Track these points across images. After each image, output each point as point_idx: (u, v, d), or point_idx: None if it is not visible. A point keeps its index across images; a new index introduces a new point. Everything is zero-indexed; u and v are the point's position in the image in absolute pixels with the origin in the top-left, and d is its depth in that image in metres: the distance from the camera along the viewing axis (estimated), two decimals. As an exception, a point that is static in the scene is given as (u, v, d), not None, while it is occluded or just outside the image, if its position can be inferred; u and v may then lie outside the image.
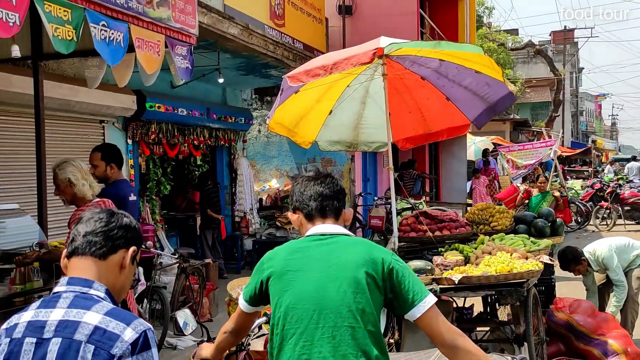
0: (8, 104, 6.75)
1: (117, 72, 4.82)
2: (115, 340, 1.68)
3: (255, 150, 13.10)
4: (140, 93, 8.62)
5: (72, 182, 4.00)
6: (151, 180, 9.77)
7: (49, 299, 1.80)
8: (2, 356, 1.72)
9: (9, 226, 4.83)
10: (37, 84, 5.10)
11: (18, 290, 4.23)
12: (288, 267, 2.31)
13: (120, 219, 1.92)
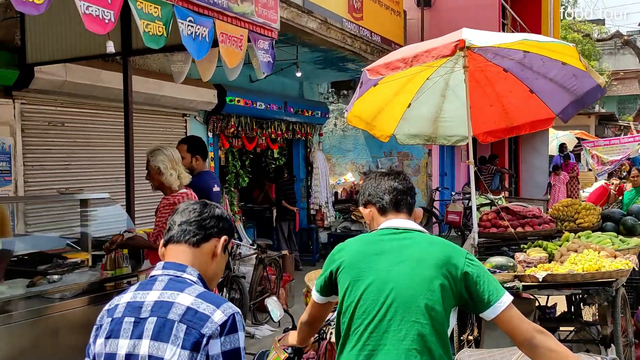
0: (98, 98, 7.06)
1: (201, 66, 4.96)
2: (206, 320, 1.75)
3: (331, 144, 13.15)
4: (220, 87, 8.84)
5: (161, 171, 4.14)
6: (230, 173, 10.00)
7: (146, 282, 1.90)
8: (104, 334, 1.83)
9: (100, 215, 5.07)
10: (127, 79, 5.31)
11: (109, 275, 4.44)
12: (358, 258, 2.31)
13: (213, 210, 2.01)
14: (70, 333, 4.13)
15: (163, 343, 1.74)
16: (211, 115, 9.19)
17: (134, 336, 1.78)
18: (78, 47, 5.50)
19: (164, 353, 1.72)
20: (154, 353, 1.74)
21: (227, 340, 1.75)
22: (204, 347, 1.72)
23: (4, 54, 5.80)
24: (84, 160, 7.14)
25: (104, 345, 1.82)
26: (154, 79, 7.58)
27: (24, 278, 4.38)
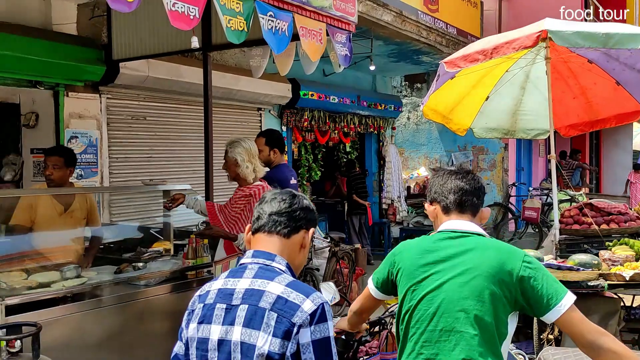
0: (177, 93, 7.28)
1: (279, 61, 5.02)
2: (296, 310, 1.78)
3: (404, 138, 13.05)
4: (294, 81, 8.94)
5: (238, 163, 4.23)
6: (302, 166, 10.10)
7: (236, 269, 1.95)
8: (197, 318, 1.89)
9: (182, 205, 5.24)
10: (207, 74, 5.44)
11: (190, 264, 4.59)
12: (415, 267, 2.32)
13: (302, 201, 2.05)
14: (154, 318, 4.29)
15: (255, 330, 1.77)
16: (285, 109, 9.29)
17: (226, 322, 1.83)
18: (161, 44, 5.68)
19: (256, 340, 1.76)
20: (246, 340, 1.77)
21: (317, 329, 1.77)
22: (294, 336, 1.75)
23: (92, 51, 6.06)
24: (164, 153, 7.38)
25: (196, 330, 1.88)
26: (231, 73, 7.74)
27: (111, 265, 4.58)
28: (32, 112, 6.18)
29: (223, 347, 1.81)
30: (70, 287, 3.88)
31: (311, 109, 9.66)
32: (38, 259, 4.37)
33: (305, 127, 9.73)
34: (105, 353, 3.93)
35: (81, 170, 6.30)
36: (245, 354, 1.76)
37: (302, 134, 9.85)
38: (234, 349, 1.78)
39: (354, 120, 10.70)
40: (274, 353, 1.74)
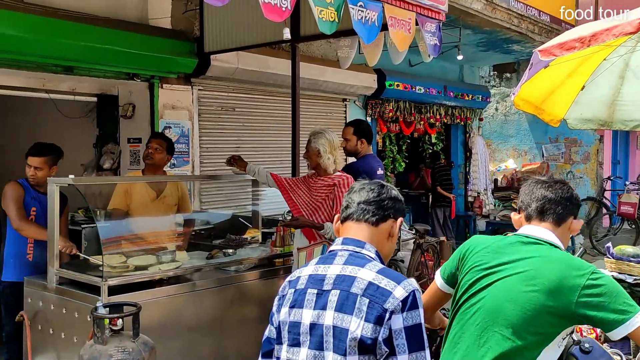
0: (265, 84, 7.42)
1: (367, 51, 5.02)
2: (388, 296, 1.80)
3: (491, 129, 12.73)
4: (380, 72, 8.90)
5: (320, 153, 4.27)
6: (387, 157, 10.05)
7: (326, 256, 2.00)
8: (288, 303, 1.94)
9: (269, 194, 5.33)
10: (295, 65, 5.51)
11: (278, 252, 4.70)
12: (478, 264, 2.30)
13: (390, 191, 2.06)
14: (243, 303, 4.42)
15: (347, 315, 1.80)
16: (370, 100, 9.29)
17: (317, 307, 1.87)
18: (250, 36, 5.80)
19: (349, 324, 1.79)
20: (339, 324, 1.81)
21: (409, 316, 1.78)
22: (386, 321, 1.77)
23: (185, 44, 6.27)
24: (252, 143, 7.56)
25: (288, 314, 1.93)
26: (317, 64, 7.81)
27: (202, 251, 4.75)
28: (129, 104, 6.47)
29: (315, 330, 1.84)
30: (166, 270, 4.06)
31: (396, 100, 9.60)
32: (135, 243, 4.60)
33: (390, 118, 9.68)
34: (198, 335, 4.09)
35: (174, 160, 6.54)
36: (338, 338, 1.79)
37: (387, 124, 9.80)
38: (326, 333, 1.82)
39: (440, 111, 10.55)
40: (367, 337, 1.76)
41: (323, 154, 4.26)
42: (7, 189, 4.33)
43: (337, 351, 1.79)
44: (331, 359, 1.80)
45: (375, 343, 1.76)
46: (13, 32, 4.85)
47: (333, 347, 1.80)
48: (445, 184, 10.63)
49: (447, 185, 10.66)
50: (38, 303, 4.01)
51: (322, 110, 8.61)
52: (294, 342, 1.89)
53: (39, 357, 3.97)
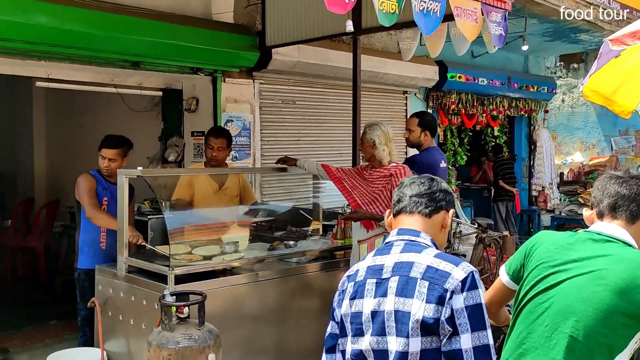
0: (325, 77, 7.43)
1: (430, 43, 4.96)
2: (447, 277, 1.83)
3: (557, 121, 12.37)
4: (442, 63, 8.78)
5: (375, 145, 4.25)
6: (448, 150, 9.92)
7: (382, 247, 2.04)
8: (349, 296, 1.98)
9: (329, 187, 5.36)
10: (356, 58, 5.50)
11: (339, 244, 4.71)
12: (545, 260, 2.22)
13: (440, 184, 2.11)
14: (305, 295, 4.47)
15: (408, 298, 1.83)
16: (431, 92, 9.19)
17: (377, 295, 1.90)
18: (311, 29, 5.83)
19: (410, 307, 1.82)
20: (400, 308, 1.83)
21: (469, 296, 1.81)
22: (448, 301, 1.79)
23: (247, 38, 6.35)
24: (312, 136, 7.59)
25: (349, 306, 1.96)
26: (378, 57, 7.77)
27: (264, 242, 4.82)
28: (193, 97, 6.61)
29: (376, 317, 1.87)
30: (230, 260, 4.14)
31: (458, 92, 9.46)
32: (200, 233, 4.71)
33: (452, 110, 9.55)
34: (260, 324, 4.16)
35: (235, 152, 6.65)
36: (400, 321, 1.82)
37: (448, 117, 9.67)
38: (388, 318, 1.84)
39: (503, 103, 10.32)
40: (429, 318, 1.79)
41: (378, 145, 4.24)
42: (80, 180, 4.51)
43: (400, 334, 1.81)
44: (394, 343, 1.82)
45: (437, 323, 1.79)
46: (84, 28, 5.02)
47: (396, 331, 1.82)
48: (508, 178, 10.40)
49: (509, 178, 10.42)
50: (108, 290, 4.16)
51: (382, 102, 8.56)
52: (357, 332, 1.92)
53: (110, 341, 4.13)
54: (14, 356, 5.16)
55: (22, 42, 4.84)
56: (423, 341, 1.79)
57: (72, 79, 5.92)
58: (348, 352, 1.95)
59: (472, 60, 9.61)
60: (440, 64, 8.76)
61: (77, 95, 7.62)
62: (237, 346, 3.98)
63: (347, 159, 6.63)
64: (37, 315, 6.22)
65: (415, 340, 1.79)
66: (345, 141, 7.34)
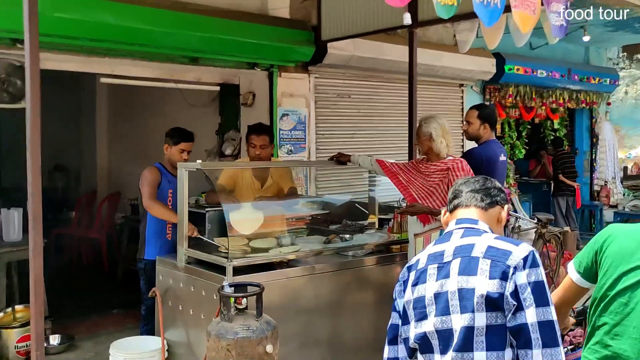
0: (380, 71, 7.40)
1: (488, 34, 4.87)
2: (509, 255, 1.86)
3: (620, 114, 11.96)
4: (499, 56, 8.63)
5: (432, 137, 4.20)
6: (505, 144, 9.73)
7: (442, 237, 2.09)
8: (410, 283, 2.01)
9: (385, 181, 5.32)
10: (412, 51, 5.46)
11: (395, 238, 4.70)
12: (624, 256, 2.14)
13: (494, 182, 2.18)
14: (360, 288, 4.48)
15: (471, 276, 1.87)
16: (488, 85, 9.05)
17: (439, 278, 1.93)
18: (367, 22, 5.80)
19: (474, 284, 1.85)
20: (464, 285, 1.87)
21: (532, 272, 1.84)
22: (511, 276, 1.82)
23: (303, 33, 6.38)
24: (367, 130, 7.59)
25: (411, 293, 1.98)
26: (433, 49, 7.68)
27: (319, 235, 4.85)
28: (250, 92, 6.69)
29: (439, 298, 1.90)
30: (286, 253, 4.19)
31: (516, 84, 9.29)
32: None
33: (510, 103, 9.37)
34: (316, 317, 4.19)
35: (291, 146, 6.71)
36: (465, 298, 1.85)
37: (506, 110, 9.50)
38: (451, 297, 1.88)
39: (563, 95, 10.06)
40: (493, 292, 1.82)
41: (435, 138, 4.20)
42: (145, 172, 4.63)
43: (464, 311, 1.84)
44: (458, 320, 1.85)
45: (502, 298, 1.82)
46: (145, 25, 5.16)
47: (460, 308, 1.86)
48: (568, 172, 10.12)
49: (570, 173, 10.15)
50: (169, 280, 4.27)
51: (438, 96, 8.48)
52: (420, 317, 1.94)
53: (170, 331, 4.24)
54: (80, 343, 5.37)
55: (86, 39, 5.01)
56: (488, 316, 1.82)
57: (134, 75, 6.08)
58: (411, 338, 1.97)
59: (530, 51, 9.39)
60: (497, 56, 8.61)
61: (138, 91, 7.83)
62: (294, 338, 4.03)
63: (403, 153, 6.58)
64: (100, 304, 6.45)
65: (480, 314, 1.82)
66: (400, 135, 7.28)
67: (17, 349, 4.81)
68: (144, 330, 4.65)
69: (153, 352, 4.08)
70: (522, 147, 10.07)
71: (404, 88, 6.13)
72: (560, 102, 10.06)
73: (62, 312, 5.92)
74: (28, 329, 4.47)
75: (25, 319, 4.84)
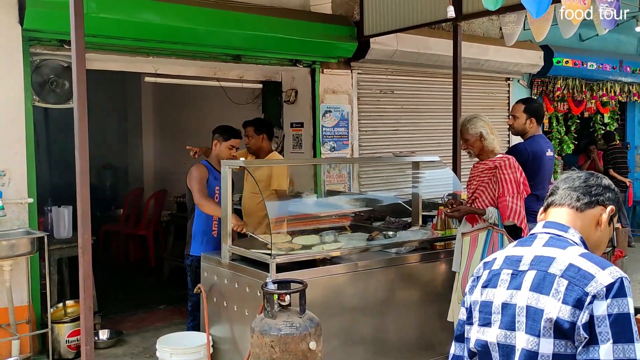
0: (424, 65, 7.31)
1: (535, 26, 4.75)
2: (590, 279, 1.64)
3: (675, 107, 11.52)
4: (547, 48, 8.42)
5: (484, 136, 4.11)
6: (553, 139, 9.48)
7: (525, 239, 1.89)
8: (482, 283, 1.87)
9: (430, 177, 5.28)
10: (456, 45, 5.37)
11: (439, 235, 4.63)
12: None
13: (600, 179, 1.90)
14: (404, 286, 4.42)
15: (543, 295, 1.69)
16: (535, 78, 8.85)
17: (511, 287, 1.78)
18: (410, 16, 5.74)
19: (544, 305, 1.67)
20: (533, 304, 1.70)
21: (615, 303, 1.61)
22: (587, 305, 1.62)
23: (345, 29, 6.35)
24: (410, 125, 7.50)
25: (480, 294, 1.86)
26: (479, 43, 7.55)
27: (362, 232, 4.81)
28: (292, 89, 6.70)
29: (506, 310, 1.77)
30: (329, 250, 4.17)
31: (565, 77, 9.04)
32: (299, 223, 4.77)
33: (558, 97, 9.13)
34: (359, 314, 4.16)
35: (334, 143, 6.69)
36: (532, 318, 1.69)
37: (554, 104, 9.25)
38: (519, 313, 1.73)
39: (614, 88, 9.74)
40: (563, 321, 1.63)
41: (486, 135, 4.11)
42: (193, 169, 4.70)
43: (530, 332, 1.69)
44: (523, 340, 1.70)
45: (573, 328, 1.63)
46: (188, 24, 5.22)
47: (525, 327, 1.70)
48: (620, 167, 9.81)
49: (621, 168, 9.83)
50: (213, 277, 4.31)
51: (483, 90, 8.33)
52: (484, 322, 1.83)
53: (215, 327, 4.27)
54: (127, 338, 5.47)
55: (131, 39, 5.10)
56: (556, 344, 1.65)
57: (177, 73, 6.16)
58: (472, 342, 1.87)
59: (579, 43, 9.14)
60: (545, 49, 8.40)
61: (182, 89, 7.93)
62: (337, 335, 4.01)
63: (447, 150, 6.50)
64: (147, 300, 6.57)
65: (547, 341, 1.66)
66: (444, 131, 7.19)
67: (68, 343, 4.93)
68: (190, 326, 4.70)
69: (198, 347, 4.12)
70: (570, 142, 9.80)
71: (448, 83, 6.04)
72: (612, 95, 9.75)
73: (110, 307, 6.06)
74: (78, 323, 4.59)
75: (75, 314, 4.96)
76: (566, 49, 8.63)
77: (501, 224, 4.03)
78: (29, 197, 4.81)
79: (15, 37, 4.67)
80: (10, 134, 4.70)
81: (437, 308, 4.39)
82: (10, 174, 4.70)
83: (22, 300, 4.76)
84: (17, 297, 4.71)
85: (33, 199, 4.85)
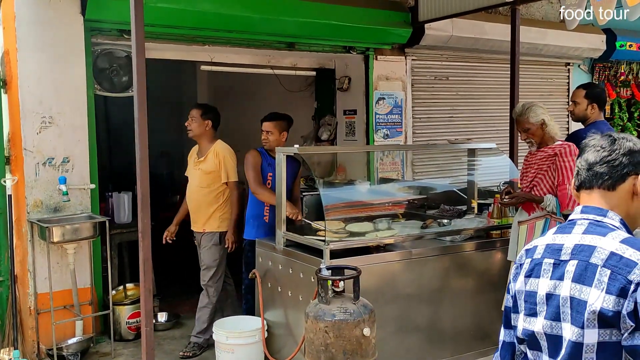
0: (480, 51, 7.17)
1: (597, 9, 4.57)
2: (633, 267, 1.61)
3: None
4: (609, 32, 8.12)
5: (545, 122, 4.01)
6: (615, 126, 9.16)
7: (564, 225, 1.85)
8: (524, 272, 1.85)
9: (487, 164, 5.19)
10: (514, 30, 5.25)
11: (495, 223, 4.55)
12: None
13: (623, 145, 1.78)
14: (459, 274, 4.38)
15: (585, 286, 1.67)
16: (597, 63, 8.55)
17: (554, 277, 1.76)
18: (466, 1, 5.63)
19: (587, 296, 1.66)
20: (576, 295, 1.68)
21: None
22: (631, 294, 1.60)
23: (400, 14, 6.28)
24: (466, 112, 7.38)
25: (524, 283, 1.85)
26: (537, 27, 7.34)
27: (416, 220, 4.78)
28: (345, 76, 6.69)
29: (551, 301, 1.75)
30: (383, 237, 4.16)
31: (629, 62, 8.71)
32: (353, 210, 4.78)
33: (621, 82, 8.80)
34: (413, 302, 4.15)
35: (387, 130, 6.65)
36: (576, 309, 1.68)
37: (616, 89, 8.92)
38: (563, 304, 1.71)
39: (682, 72, 9.32)
40: (608, 310, 1.61)
41: (548, 122, 4.02)
42: (248, 156, 4.78)
43: (575, 323, 1.67)
44: (569, 331, 1.69)
45: (617, 316, 1.61)
46: (243, 12, 5.26)
47: (571, 318, 1.69)
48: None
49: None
50: (268, 262, 4.37)
51: (542, 76, 8.10)
52: (530, 312, 1.81)
53: (269, 311, 4.34)
54: (185, 321, 5.61)
55: (187, 28, 5.18)
56: (601, 333, 1.63)
57: (232, 62, 6.23)
58: (519, 330, 1.86)
59: (645, 26, 8.78)
60: (607, 32, 8.10)
61: (237, 78, 8.01)
62: (390, 322, 4.01)
63: (504, 137, 6.36)
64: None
65: (591, 331, 1.64)
66: (501, 117, 7.05)
67: (128, 325, 5.10)
68: (244, 309, 4.79)
69: (254, 331, 4.20)
70: (633, 128, 9.45)
71: (506, 69, 5.90)
72: (679, 80, 9.35)
73: (169, 291, 6.21)
74: (138, 306, 4.73)
75: (135, 297, 5.12)
76: (630, 32, 8.30)
77: (559, 213, 3.93)
78: (91, 183, 4.97)
79: (77, 28, 4.82)
80: (73, 122, 4.86)
81: (493, 297, 4.33)
82: (74, 161, 4.87)
83: (85, 283, 4.94)
84: (81, 279, 4.89)
85: (95, 184, 5.01)
